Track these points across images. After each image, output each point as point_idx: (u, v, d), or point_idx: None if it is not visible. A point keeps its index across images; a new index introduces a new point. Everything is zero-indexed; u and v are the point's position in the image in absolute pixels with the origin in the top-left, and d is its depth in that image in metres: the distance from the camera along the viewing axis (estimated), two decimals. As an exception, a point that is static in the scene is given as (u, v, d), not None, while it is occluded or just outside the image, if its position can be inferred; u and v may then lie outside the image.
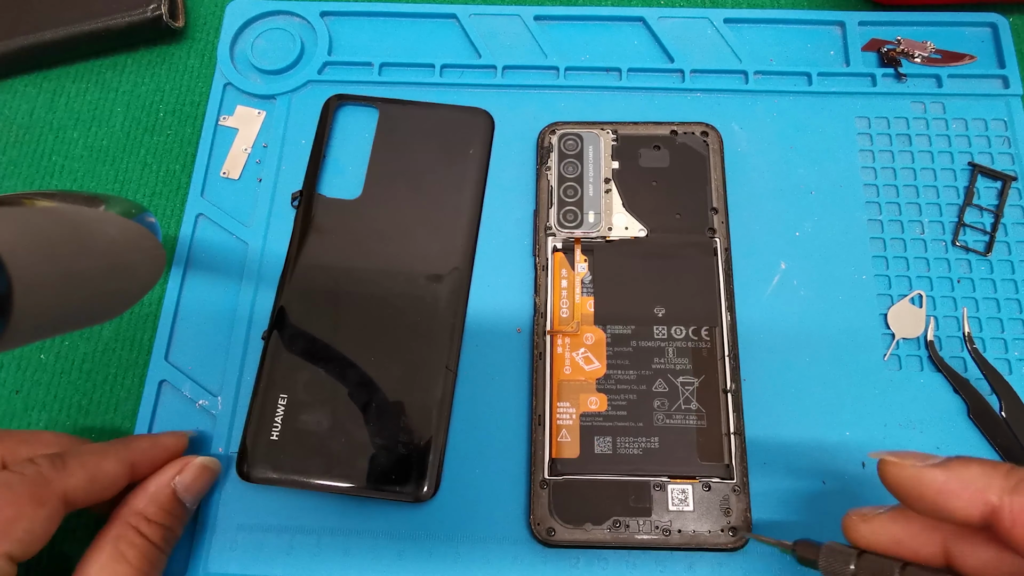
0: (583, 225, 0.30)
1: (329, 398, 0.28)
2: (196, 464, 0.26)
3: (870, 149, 0.32)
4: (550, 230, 0.30)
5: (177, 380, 0.29)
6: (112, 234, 0.21)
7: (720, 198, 0.31)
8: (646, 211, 0.30)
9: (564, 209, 0.30)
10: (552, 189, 0.31)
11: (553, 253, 0.30)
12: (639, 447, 0.27)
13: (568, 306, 0.29)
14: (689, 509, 0.26)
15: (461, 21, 0.35)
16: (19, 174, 0.34)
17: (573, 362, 0.29)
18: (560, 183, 0.31)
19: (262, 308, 0.30)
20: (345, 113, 0.33)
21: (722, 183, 0.31)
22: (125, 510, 0.24)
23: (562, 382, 0.28)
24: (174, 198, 0.33)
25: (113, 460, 0.24)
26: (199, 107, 0.35)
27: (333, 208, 0.31)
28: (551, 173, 0.31)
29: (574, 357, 0.29)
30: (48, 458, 0.23)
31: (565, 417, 0.28)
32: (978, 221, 0.31)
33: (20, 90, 0.35)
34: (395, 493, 0.27)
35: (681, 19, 0.35)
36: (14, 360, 0.31)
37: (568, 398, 0.28)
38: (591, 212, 0.30)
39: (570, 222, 0.30)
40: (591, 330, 0.29)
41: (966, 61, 0.33)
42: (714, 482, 0.27)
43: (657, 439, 0.27)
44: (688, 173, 0.31)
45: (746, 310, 0.30)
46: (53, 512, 0.22)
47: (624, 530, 0.26)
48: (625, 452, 0.27)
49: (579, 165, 0.31)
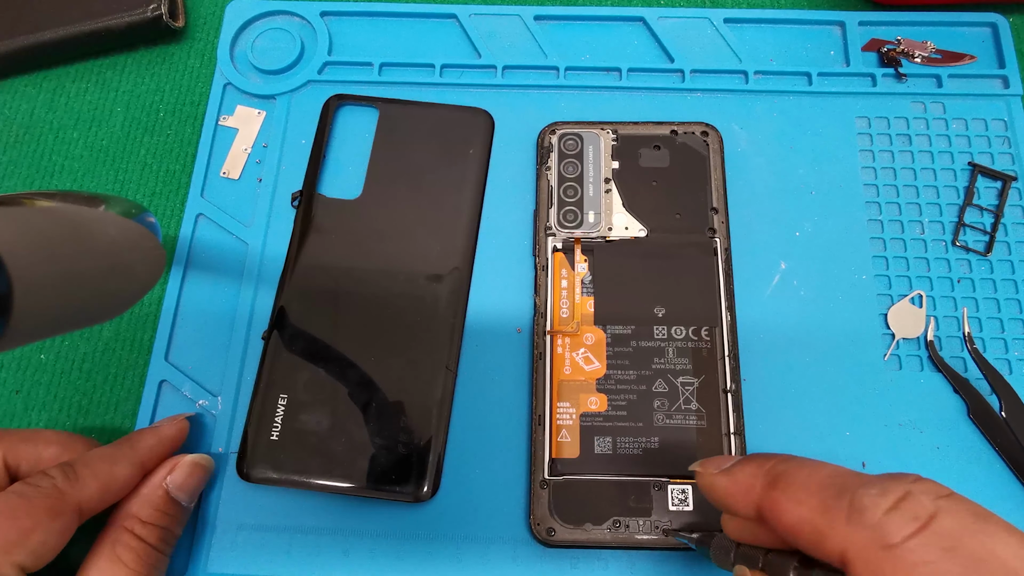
0: (583, 225, 0.30)
1: (329, 398, 0.28)
2: (187, 462, 0.26)
3: (870, 149, 0.32)
4: (550, 230, 0.30)
5: (177, 380, 0.29)
6: (112, 234, 0.21)
7: (720, 198, 0.31)
8: (646, 211, 0.30)
9: (564, 209, 0.30)
10: (552, 189, 0.31)
11: (553, 253, 0.30)
12: (639, 447, 0.27)
13: (568, 306, 0.29)
14: (689, 509, 0.26)
15: (461, 21, 0.35)
16: (19, 174, 0.34)
17: (573, 362, 0.29)
18: (560, 183, 0.31)
19: (262, 308, 0.30)
20: (345, 113, 0.33)
21: (722, 183, 0.31)
22: (120, 514, 0.24)
23: (562, 382, 0.28)
24: (174, 198, 0.33)
25: (124, 464, 0.24)
26: (199, 107, 0.35)
27: (333, 208, 0.31)
28: (551, 173, 0.31)
29: (574, 357, 0.29)
30: (61, 470, 0.23)
31: (565, 417, 0.28)
32: (978, 221, 0.31)
33: (20, 90, 0.35)
34: (395, 493, 0.27)
35: (681, 19, 0.35)
36: (14, 360, 0.31)
37: (568, 398, 0.28)
38: (591, 212, 0.30)
39: (570, 222, 0.30)
40: (591, 330, 0.29)
41: (966, 61, 0.33)
42: None
43: (657, 439, 0.27)
44: (688, 173, 0.31)
45: (746, 310, 0.30)
46: (68, 524, 0.22)
47: (624, 530, 0.26)
48: (625, 452, 0.27)
49: (579, 165, 0.31)
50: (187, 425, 0.27)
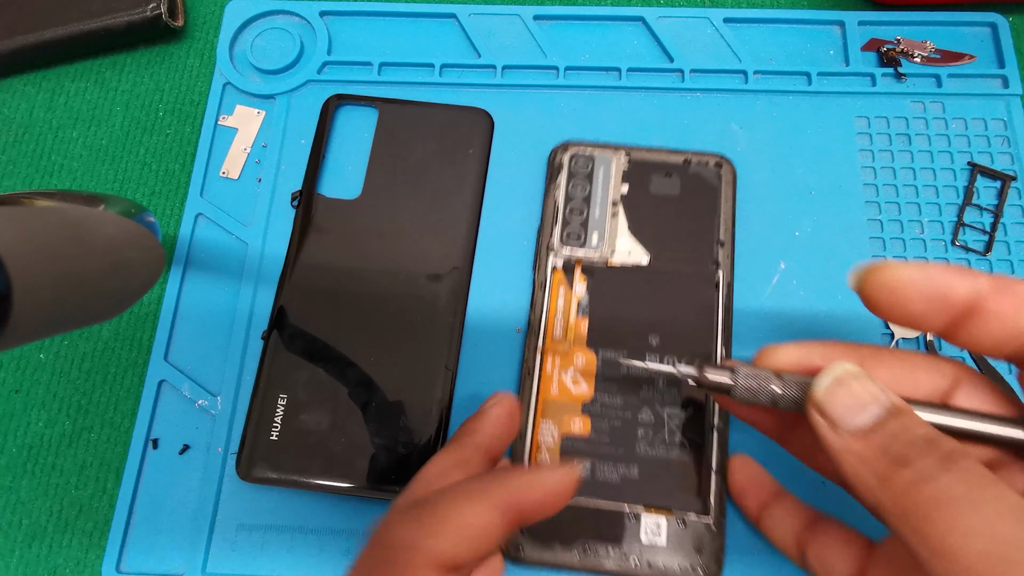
0: (586, 245, 0.30)
1: (329, 398, 0.28)
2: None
3: (870, 149, 0.32)
4: (552, 248, 0.30)
5: (177, 380, 0.29)
6: (112, 234, 0.21)
7: (728, 232, 0.30)
8: (651, 237, 0.30)
9: (568, 228, 0.30)
10: (558, 207, 0.30)
11: (553, 271, 0.30)
12: (618, 475, 0.27)
13: (563, 325, 0.29)
14: (661, 543, 0.26)
15: (461, 21, 0.35)
16: (19, 174, 0.34)
17: (561, 382, 0.28)
18: (567, 202, 0.30)
19: (262, 308, 0.30)
20: (344, 113, 0.33)
21: (731, 217, 0.30)
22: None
23: (548, 401, 0.28)
24: (173, 198, 0.33)
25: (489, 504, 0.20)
26: (198, 107, 0.35)
27: (333, 208, 0.31)
28: (559, 191, 0.31)
29: (563, 377, 0.28)
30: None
31: (547, 438, 0.27)
32: (977, 221, 0.31)
33: (19, 89, 0.35)
34: (395, 493, 0.27)
35: (681, 19, 0.35)
36: (14, 360, 0.31)
37: (552, 418, 0.28)
38: (595, 233, 0.30)
39: (573, 241, 0.30)
40: (583, 352, 0.28)
41: (966, 61, 0.33)
42: (690, 518, 0.26)
43: (637, 468, 0.27)
44: (698, 203, 0.30)
45: (746, 310, 0.30)
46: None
47: (593, 556, 0.26)
48: (603, 479, 0.27)
49: (588, 185, 0.30)
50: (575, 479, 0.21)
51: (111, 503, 0.29)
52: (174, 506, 0.28)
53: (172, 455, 0.29)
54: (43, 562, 0.28)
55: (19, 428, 0.30)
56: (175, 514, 0.28)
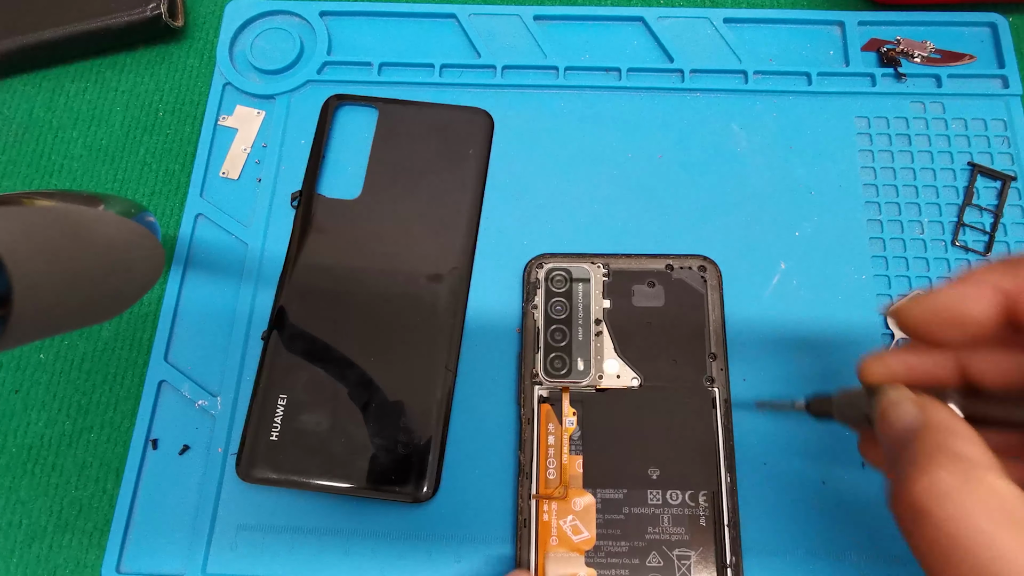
0: (572, 373, 0.28)
1: (329, 398, 0.28)
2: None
3: (869, 149, 0.32)
4: (536, 378, 0.28)
5: (176, 380, 0.29)
6: (111, 234, 0.21)
7: (719, 343, 0.28)
8: (639, 357, 0.28)
9: (552, 355, 0.28)
10: (539, 331, 0.29)
11: (539, 405, 0.28)
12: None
13: (555, 466, 0.27)
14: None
15: (461, 21, 0.35)
16: (18, 174, 0.34)
17: (560, 531, 0.26)
18: (547, 325, 0.29)
19: (262, 308, 0.30)
20: (344, 113, 0.33)
21: (721, 325, 0.29)
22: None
23: (548, 555, 0.26)
24: (173, 198, 0.33)
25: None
26: (198, 107, 0.35)
27: (333, 208, 0.31)
28: (538, 312, 0.29)
29: (561, 525, 0.26)
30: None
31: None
32: (977, 221, 0.31)
33: (19, 89, 0.35)
34: (395, 493, 0.27)
35: (681, 19, 0.35)
36: (14, 360, 0.31)
37: (554, 574, 0.26)
38: (580, 359, 0.28)
39: (558, 370, 0.28)
40: (580, 494, 0.26)
41: (966, 61, 0.33)
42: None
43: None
44: (684, 313, 0.29)
45: (746, 310, 0.30)
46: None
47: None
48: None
49: (567, 304, 0.29)
50: None
51: (111, 503, 0.29)
52: (174, 506, 0.28)
53: (172, 455, 0.29)
54: (43, 562, 0.28)
55: (19, 428, 0.30)
56: (175, 514, 0.28)
